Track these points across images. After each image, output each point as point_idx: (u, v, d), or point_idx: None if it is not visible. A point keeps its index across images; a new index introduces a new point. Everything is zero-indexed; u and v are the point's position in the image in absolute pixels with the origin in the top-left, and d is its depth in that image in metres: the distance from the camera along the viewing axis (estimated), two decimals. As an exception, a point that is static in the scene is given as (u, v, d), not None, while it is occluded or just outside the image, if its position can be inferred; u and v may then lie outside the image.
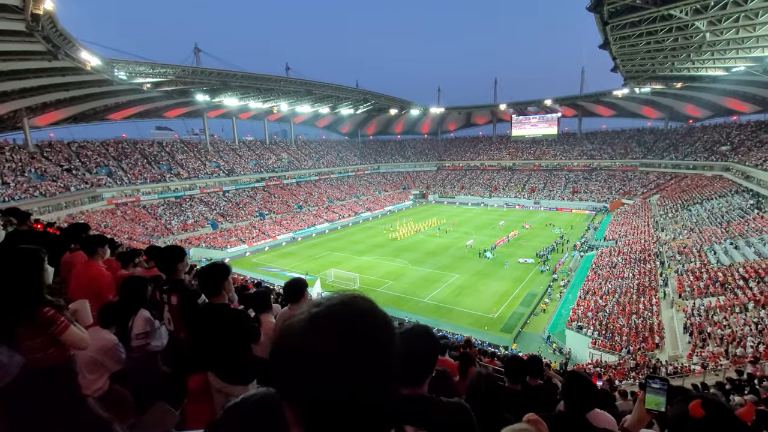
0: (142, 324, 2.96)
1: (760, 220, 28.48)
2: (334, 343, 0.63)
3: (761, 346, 15.01)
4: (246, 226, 46.73)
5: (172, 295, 3.10)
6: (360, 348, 0.65)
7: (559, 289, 29.15)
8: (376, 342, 0.67)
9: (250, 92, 50.02)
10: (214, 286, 2.65)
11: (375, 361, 0.66)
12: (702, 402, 1.13)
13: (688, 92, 51.94)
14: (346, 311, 0.68)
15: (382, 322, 0.71)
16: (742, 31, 26.70)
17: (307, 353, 0.63)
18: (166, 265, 3.33)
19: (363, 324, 0.68)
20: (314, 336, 0.63)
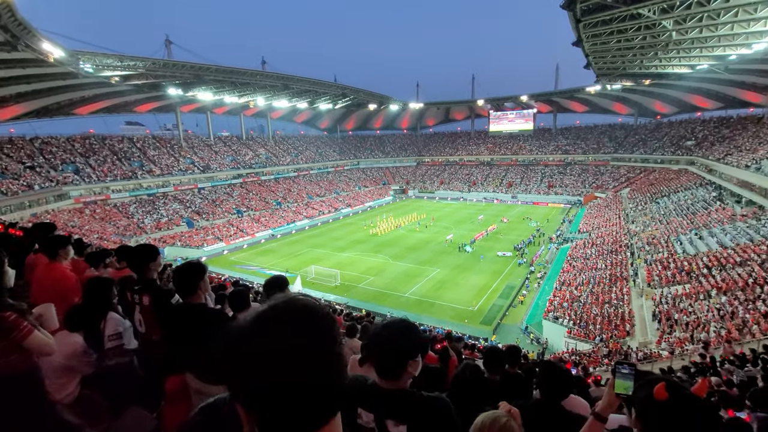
0: (114, 325, 2.86)
1: (721, 211, 30.03)
2: (269, 344, 0.65)
3: (723, 330, 15.89)
4: (223, 224, 45.74)
5: (144, 295, 3.00)
6: (295, 348, 0.66)
7: (536, 281, 29.92)
8: (311, 339, 0.68)
9: (225, 86, 48.72)
10: (189, 285, 2.58)
11: (311, 357, 0.67)
12: (666, 385, 1.19)
13: (656, 89, 53.99)
14: (282, 311, 0.70)
15: (320, 319, 0.71)
16: (705, 31, 27.92)
17: (243, 355, 0.65)
18: (137, 265, 3.21)
19: (298, 323, 0.69)
20: (250, 337, 0.66)
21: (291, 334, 0.67)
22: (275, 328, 0.67)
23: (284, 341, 0.66)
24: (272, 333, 0.66)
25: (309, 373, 0.66)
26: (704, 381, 1.22)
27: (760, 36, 27.93)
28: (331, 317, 0.74)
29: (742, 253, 21.37)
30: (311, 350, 0.67)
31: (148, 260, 3.14)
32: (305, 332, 0.68)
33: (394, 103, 72.51)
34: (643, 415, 1.21)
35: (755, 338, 14.40)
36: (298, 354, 0.66)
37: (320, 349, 0.69)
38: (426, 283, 29.72)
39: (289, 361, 0.64)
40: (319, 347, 0.69)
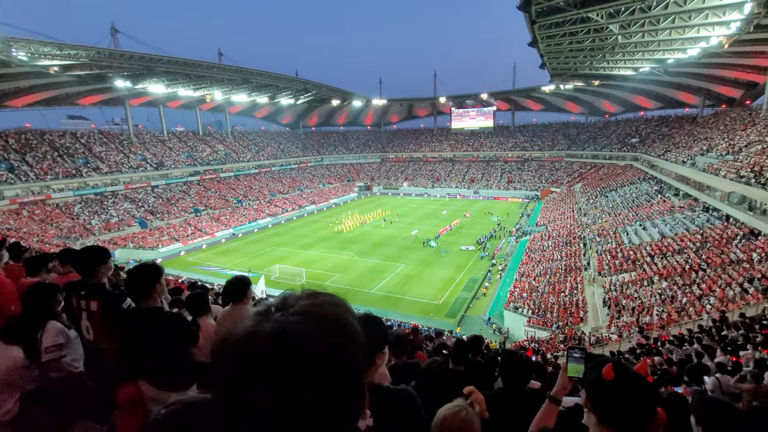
0: (53, 335, 2.62)
1: (662, 203, 32.52)
2: (293, 354, 0.55)
3: (664, 313, 17.27)
4: (180, 224, 43.63)
5: (91, 301, 2.79)
6: (322, 359, 0.56)
7: (497, 273, 31.01)
8: (338, 352, 0.59)
9: (178, 79, 46.25)
10: (143, 288, 2.44)
11: (336, 370, 0.58)
12: (612, 366, 1.29)
13: (604, 89, 57.42)
14: (311, 317, 0.60)
15: (348, 332, 0.64)
16: (647, 36, 30.02)
17: (244, 363, 0.55)
18: (85, 269, 2.98)
19: (329, 336, 0.59)
20: (257, 347, 0.56)
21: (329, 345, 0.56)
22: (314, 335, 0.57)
23: (322, 353, 0.56)
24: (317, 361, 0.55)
25: (342, 393, 0.57)
26: (644, 360, 1.33)
27: (693, 42, 30.44)
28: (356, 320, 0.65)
29: (679, 242, 23.30)
30: (352, 375, 0.58)
31: (97, 263, 2.92)
32: (343, 341, 0.59)
33: (358, 99, 72.13)
34: (593, 395, 1.30)
35: (692, 319, 15.76)
36: (337, 368, 0.56)
37: (355, 373, 0.59)
38: (392, 278, 29.96)
39: (318, 378, 0.54)
40: (355, 371, 0.59)
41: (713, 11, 24.17)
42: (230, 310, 3.31)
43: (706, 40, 29.07)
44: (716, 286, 17.36)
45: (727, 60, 35.71)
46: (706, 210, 26.54)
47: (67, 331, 2.70)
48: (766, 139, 27.39)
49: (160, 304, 2.57)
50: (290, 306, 0.61)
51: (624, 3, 24.12)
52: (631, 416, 1.24)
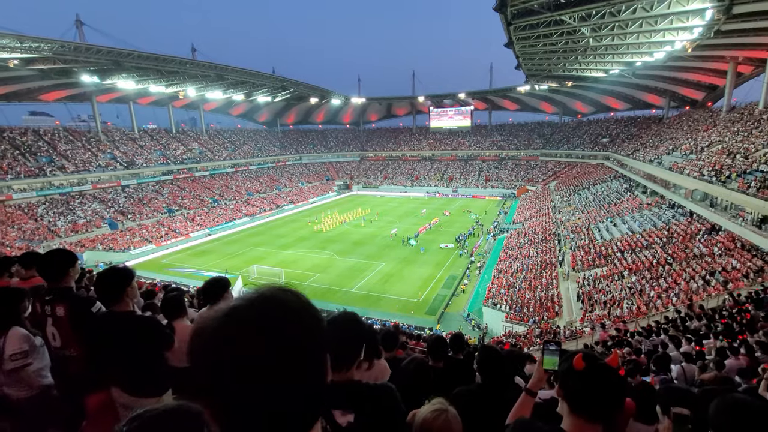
0: (17, 342, 2.49)
1: (631, 201, 33.85)
2: (254, 341, 0.58)
3: (634, 306, 18.00)
4: (153, 224, 42.22)
5: (58, 305, 2.65)
6: (283, 344, 0.59)
7: (476, 270, 31.51)
8: (300, 337, 0.62)
9: (149, 75, 44.66)
10: (114, 292, 2.35)
11: (300, 356, 0.60)
12: (582, 356, 1.35)
13: (577, 90, 59.18)
14: (268, 305, 0.62)
15: (308, 316, 0.65)
16: (616, 39, 31.13)
17: (224, 351, 0.57)
18: (50, 273, 2.83)
19: (285, 318, 0.62)
20: (232, 334, 0.58)
21: (281, 335, 0.59)
22: (263, 328, 0.59)
23: (274, 344, 0.58)
24: (259, 335, 0.58)
25: (301, 379, 0.60)
26: (615, 353, 1.40)
27: (659, 45, 31.75)
28: (312, 309, 0.67)
29: (647, 238, 24.33)
30: (303, 352, 0.61)
31: (65, 266, 2.78)
32: (296, 332, 0.61)
33: (336, 97, 71.66)
34: (565, 384, 1.35)
35: (659, 311, 16.49)
36: (291, 358, 0.59)
37: (312, 349, 0.62)
38: (372, 277, 29.97)
39: (279, 367, 0.58)
40: (311, 347, 0.62)
41: (677, 17, 25.28)
42: (207, 312, 3.23)
43: (671, 44, 30.39)
44: (681, 279, 18.23)
45: (690, 64, 37.49)
46: (671, 207, 27.80)
47: (33, 338, 2.57)
48: (725, 139, 28.92)
49: (132, 308, 2.48)
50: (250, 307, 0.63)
51: (595, 7, 24.91)
52: (601, 405, 1.30)
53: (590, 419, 1.30)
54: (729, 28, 25.76)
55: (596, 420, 1.31)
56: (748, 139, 26.00)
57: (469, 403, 2.35)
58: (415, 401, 1.82)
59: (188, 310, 3.70)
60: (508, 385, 2.63)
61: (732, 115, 34.35)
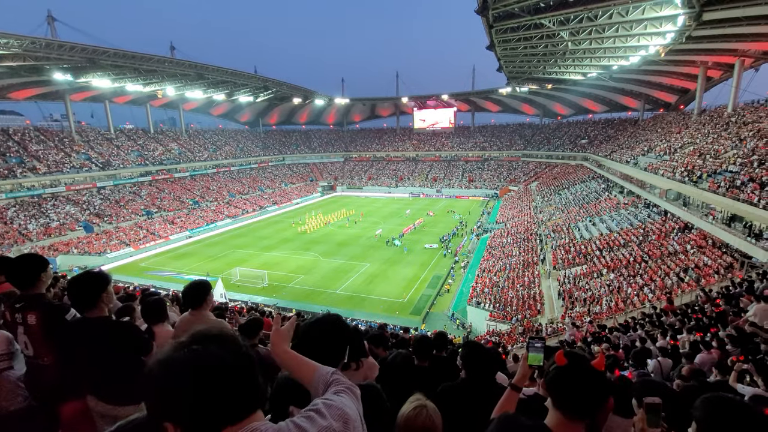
0: (4, 344, 2.38)
1: (609, 200, 34.79)
2: (189, 382, 0.81)
3: (612, 303, 18.49)
4: (130, 227, 41.06)
5: (29, 313, 2.54)
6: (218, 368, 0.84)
7: (460, 270, 31.82)
8: (229, 359, 0.86)
9: (126, 73, 43.41)
10: (88, 298, 2.26)
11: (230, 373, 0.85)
12: (564, 352, 1.40)
13: (557, 93, 60.51)
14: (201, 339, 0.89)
15: (231, 341, 0.91)
16: (594, 43, 31.96)
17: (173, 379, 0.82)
18: (20, 279, 2.70)
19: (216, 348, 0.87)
20: (171, 374, 0.83)
21: (212, 358, 0.84)
22: (196, 355, 0.84)
23: (210, 363, 0.83)
24: (195, 359, 0.83)
25: (230, 386, 0.84)
26: (602, 356, 1.44)
27: (635, 50, 32.78)
28: (235, 339, 0.93)
29: (625, 236, 25.05)
30: (230, 368, 0.85)
31: (39, 272, 2.66)
32: (223, 355, 0.86)
33: (320, 97, 71.24)
34: (548, 379, 1.39)
35: (636, 307, 16.99)
36: (220, 372, 0.83)
37: (238, 364, 0.87)
38: (357, 278, 29.90)
39: (215, 378, 0.82)
40: (237, 364, 0.87)
41: (651, 22, 26.16)
42: (189, 317, 3.16)
43: (646, 48, 31.42)
44: (657, 276, 18.84)
45: (663, 68, 38.81)
46: (647, 206, 28.69)
47: (15, 342, 2.47)
48: (696, 141, 30.06)
49: (108, 314, 2.40)
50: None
51: (573, 11, 25.53)
52: (582, 402, 1.33)
53: (573, 416, 1.33)
54: (699, 34, 26.81)
55: (579, 417, 1.33)
56: (717, 141, 27.09)
57: (454, 398, 2.38)
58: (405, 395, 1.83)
59: (170, 314, 3.61)
60: (493, 380, 2.67)
61: (703, 117, 35.75)
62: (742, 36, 26.48)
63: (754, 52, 29.71)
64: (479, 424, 1.79)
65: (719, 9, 22.38)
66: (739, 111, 30.95)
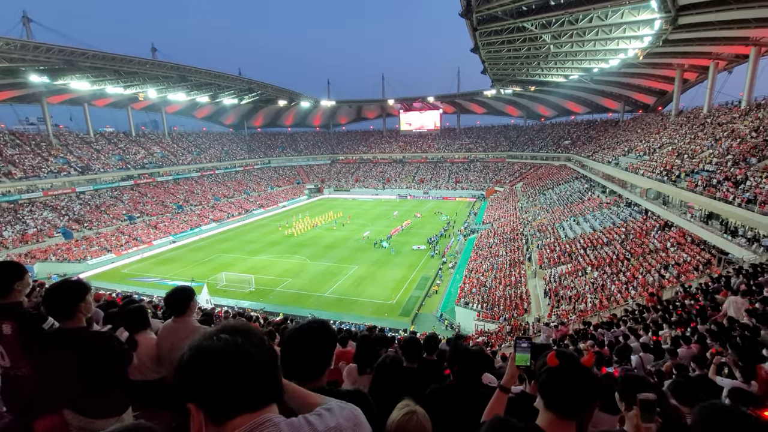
0: None
1: (592, 200, 35.48)
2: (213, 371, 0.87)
3: (596, 300, 18.84)
4: (112, 232, 40.06)
5: (4, 323, 2.44)
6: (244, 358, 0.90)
7: (448, 270, 31.98)
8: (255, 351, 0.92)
9: (106, 75, 42.39)
10: (66, 307, 2.19)
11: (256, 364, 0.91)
12: (556, 353, 1.40)
13: (540, 95, 61.53)
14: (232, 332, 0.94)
15: (256, 336, 0.97)
16: (575, 46, 32.63)
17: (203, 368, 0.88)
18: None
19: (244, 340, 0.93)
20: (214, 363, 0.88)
21: (238, 348, 0.90)
22: (224, 347, 0.90)
23: (235, 353, 0.89)
24: (224, 351, 0.89)
25: (252, 375, 0.90)
26: (591, 354, 1.46)
27: (614, 53, 33.57)
28: (260, 334, 0.98)
29: (607, 235, 25.57)
30: (253, 359, 0.91)
31: (11, 280, 2.56)
32: (251, 347, 0.92)
33: (305, 100, 70.86)
34: (539, 380, 1.40)
35: (619, 304, 17.34)
36: (247, 362, 0.90)
37: (261, 356, 0.93)
38: (345, 280, 29.77)
39: (239, 366, 0.88)
40: (259, 356, 0.93)
41: (630, 26, 26.85)
42: (172, 324, 3.08)
43: (625, 51, 32.21)
44: (639, 273, 19.28)
45: (642, 70, 39.85)
46: (628, 205, 29.37)
47: None
48: (674, 141, 30.93)
49: (86, 324, 2.33)
50: None
51: (555, 15, 26.02)
52: (574, 403, 1.34)
53: (564, 416, 1.35)
54: (675, 38, 27.63)
55: (571, 416, 1.35)
56: (694, 141, 27.93)
57: (443, 400, 2.38)
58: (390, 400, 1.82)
59: (152, 322, 3.52)
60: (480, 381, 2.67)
61: (680, 118, 36.81)
62: (715, 40, 27.44)
63: (727, 55, 30.80)
64: (469, 427, 1.79)
65: (694, 13, 23.11)
66: (714, 112, 31.99)
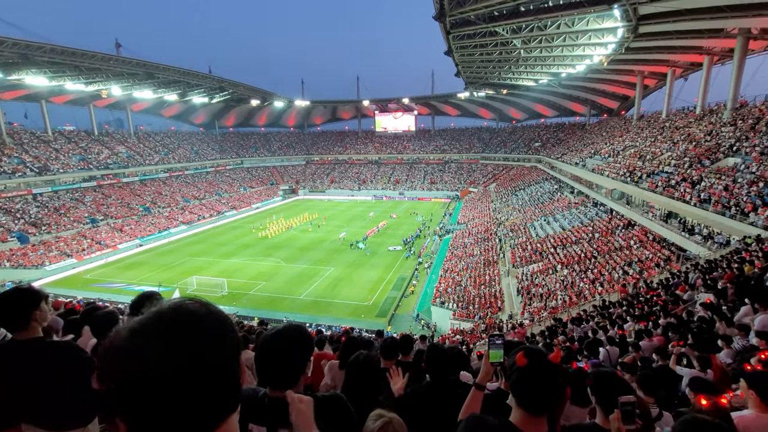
0: None
1: (561, 200, 36.72)
2: (156, 352, 0.61)
3: (566, 297, 19.50)
4: (72, 236, 37.97)
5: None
6: (191, 359, 0.62)
7: (424, 271, 32.25)
8: (207, 350, 0.65)
9: (66, 71, 40.15)
10: (18, 317, 2.04)
11: (207, 369, 0.64)
12: (524, 352, 1.42)
13: (512, 98, 63.20)
14: (175, 320, 0.65)
15: (215, 328, 0.69)
16: (544, 51, 33.73)
17: (132, 369, 0.60)
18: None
19: (188, 331, 0.65)
20: (140, 351, 0.61)
21: (182, 348, 0.62)
22: (163, 344, 0.62)
23: (175, 357, 0.61)
24: (160, 349, 0.61)
25: (202, 388, 0.62)
26: (557, 351, 1.49)
27: (581, 59, 34.93)
28: (223, 321, 0.71)
29: (576, 234, 26.53)
30: (207, 365, 0.64)
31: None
32: (197, 344, 0.64)
33: (279, 99, 69.74)
34: (510, 379, 1.42)
35: (587, 300, 18.02)
36: (193, 370, 0.62)
37: (216, 362, 0.66)
38: (321, 282, 29.48)
39: (181, 379, 0.60)
40: (214, 360, 0.65)
41: (595, 34, 28.03)
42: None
43: (590, 58, 33.60)
44: (605, 270, 20.10)
45: (606, 76, 41.68)
46: (595, 205, 30.59)
47: None
48: (636, 144, 32.49)
49: (44, 334, 2.19)
50: None
51: (524, 20, 26.80)
52: (544, 400, 1.37)
53: (534, 413, 1.37)
54: (636, 46, 29.08)
55: (540, 413, 1.38)
56: (654, 144, 29.43)
57: (421, 401, 2.38)
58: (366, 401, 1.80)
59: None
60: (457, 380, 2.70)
61: (641, 122, 38.74)
62: (672, 48, 29.08)
63: (683, 63, 32.68)
64: (447, 426, 1.80)
65: (653, 23, 24.40)
66: (672, 117, 33.86)
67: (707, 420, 1.33)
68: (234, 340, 0.71)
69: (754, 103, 25.63)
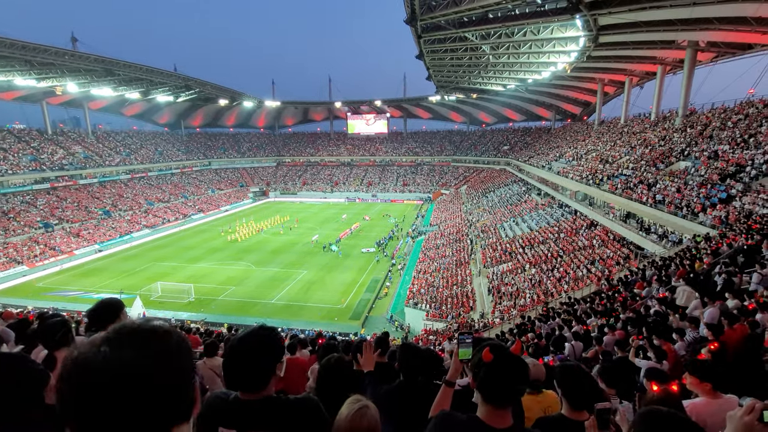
0: None
1: (529, 202, 37.95)
2: (119, 361, 0.66)
3: (535, 296, 20.15)
4: (23, 242, 35.50)
5: None
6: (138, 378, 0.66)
7: (397, 272, 32.40)
8: (153, 367, 0.69)
9: (14, 65, 37.48)
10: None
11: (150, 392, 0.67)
12: (490, 348, 1.46)
13: (481, 102, 64.80)
14: (131, 331, 0.72)
15: (164, 344, 0.73)
16: (511, 57, 34.83)
17: (83, 398, 0.64)
18: None
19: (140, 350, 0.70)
20: (87, 382, 0.65)
21: (133, 362, 0.67)
22: (117, 356, 0.66)
23: (127, 370, 0.65)
24: (114, 362, 0.65)
25: (148, 401, 0.66)
26: (518, 342, 1.55)
27: (546, 66, 36.32)
28: (177, 340, 0.76)
29: (543, 234, 27.49)
30: (153, 378, 0.67)
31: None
32: (148, 360, 0.68)
33: (248, 99, 68.16)
34: (476, 375, 1.46)
35: (554, 298, 18.70)
36: (141, 383, 0.66)
37: (159, 374, 0.69)
38: (294, 286, 29.01)
39: (130, 391, 0.64)
40: (157, 374, 0.69)
41: (558, 42, 29.26)
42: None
43: (555, 65, 35.01)
44: (570, 269, 20.94)
45: (569, 83, 43.57)
46: (560, 206, 31.82)
47: None
48: (598, 148, 34.10)
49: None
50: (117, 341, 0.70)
51: (493, 27, 27.60)
52: (508, 393, 1.43)
53: (499, 406, 1.43)
54: (597, 54, 30.59)
55: (505, 406, 1.44)
56: (614, 148, 31.01)
57: (393, 400, 2.40)
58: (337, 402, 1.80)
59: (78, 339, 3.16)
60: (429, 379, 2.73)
61: (602, 127, 40.72)
62: (629, 58, 30.81)
63: (639, 72, 34.68)
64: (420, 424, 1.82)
65: (611, 33, 25.76)
66: (630, 122, 35.81)
67: (662, 410, 1.43)
68: (189, 359, 0.77)
69: (702, 111, 27.59)
